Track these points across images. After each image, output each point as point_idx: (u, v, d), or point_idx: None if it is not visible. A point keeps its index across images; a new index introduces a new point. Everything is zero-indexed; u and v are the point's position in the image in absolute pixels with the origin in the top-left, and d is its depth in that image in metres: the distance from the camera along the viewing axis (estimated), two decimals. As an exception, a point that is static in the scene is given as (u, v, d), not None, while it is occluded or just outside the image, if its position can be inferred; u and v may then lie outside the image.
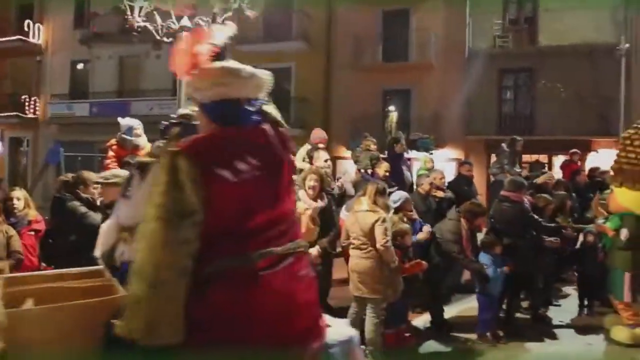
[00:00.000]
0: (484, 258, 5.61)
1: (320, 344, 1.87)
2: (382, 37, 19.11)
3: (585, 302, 6.78)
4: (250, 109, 1.91)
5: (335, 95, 19.60)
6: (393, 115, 18.85)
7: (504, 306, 6.16)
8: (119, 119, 5.51)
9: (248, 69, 1.93)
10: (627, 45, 16.13)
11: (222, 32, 2.02)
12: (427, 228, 5.79)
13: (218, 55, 1.93)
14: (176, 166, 1.69)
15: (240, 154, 1.81)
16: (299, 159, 7.00)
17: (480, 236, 6.12)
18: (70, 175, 4.83)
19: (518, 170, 8.73)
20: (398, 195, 5.75)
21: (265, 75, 1.99)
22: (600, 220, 6.33)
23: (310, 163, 6.51)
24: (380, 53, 19.03)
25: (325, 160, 6.25)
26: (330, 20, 19.71)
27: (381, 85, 18.90)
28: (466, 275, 7.14)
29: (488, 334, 5.63)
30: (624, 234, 5.55)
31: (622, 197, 5.63)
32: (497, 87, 18.33)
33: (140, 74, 22.27)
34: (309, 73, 19.79)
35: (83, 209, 4.31)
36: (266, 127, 1.97)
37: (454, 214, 5.85)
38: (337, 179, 7.15)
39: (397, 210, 5.53)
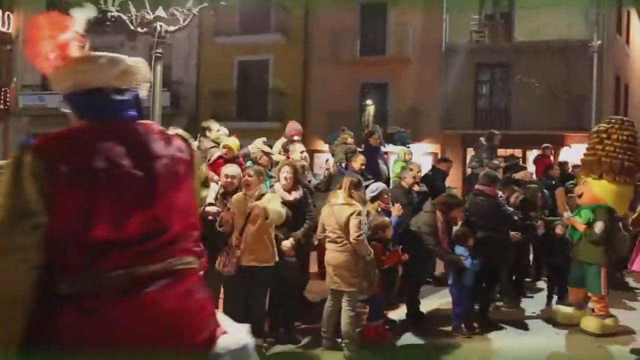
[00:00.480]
0: (459, 250, 5.67)
1: (209, 353, 1.65)
2: (359, 30, 19.10)
3: (556, 294, 6.89)
4: (121, 99, 1.68)
5: (313, 88, 19.54)
6: (370, 109, 18.92)
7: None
8: None
9: (110, 55, 1.71)
10: (599, 42, 16.40)
11: (83, 17, 1.83)
12: (397, 205, 5.84)
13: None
14: (21, 162, 1.48)
15: (99, 151, 1.55)
16: (275, 151, 6.98)
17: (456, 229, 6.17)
18: None
19: (497, 162, 8.82)
20: (376, 186, 5.81)
21: (136, 63, 1.74)
22: (567, 214, 6.37)
23: (287, 156, 6.50)
24: (358, 47, 19.01)
25: (302, 152, 6.25)
26: (308, 13, 19.61)
27: (359, 79, 18.91)
28: (440, 267, 7.20)
29: (462, 326, 5.70)
30: (599, 226, 5.55)
31: (599, 189, 5.63)
32: (474, 82, 18.51)
33: (115, 65, 21.84)
34: (286, 66, 19.68)
35: None
36: (144, 123, 1.73)
37: (429, 206, 5.89)
38: (326, 161, 7.25)
39: (373, 200, 5.56)
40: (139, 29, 6.01)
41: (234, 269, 4.74)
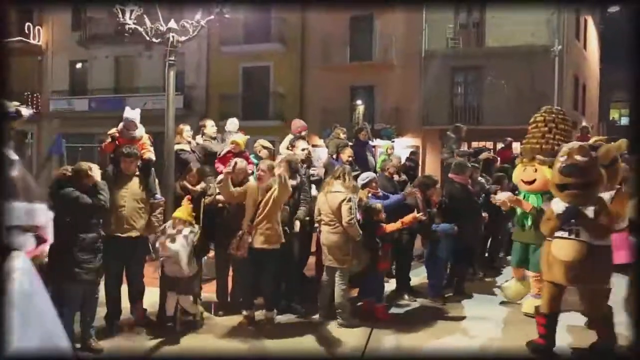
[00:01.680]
0: (433, 227, 5.66)
1: None
2: (349, 39, 18.99)
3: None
4: None
5: (308, 90, 19.47)
6: (360, 108, 18.90)
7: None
8: (127, 108, 5.26)
9: None
10: (560, 47, 16.41)
11: None
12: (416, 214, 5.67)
13: None
14: None
15: None
16: (283, 147, 6.94)
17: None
18: (70, 168, 4.58)
19: (465, 150, 8.80)
20: (366, 175, 5.77)
21: None
22: (503, 193, 5.56)
23: (293, 151, 6.39)
24: (347, 53, 18.92)
25: (303, 149, 6.17)
26: (303, 24, 19.50)
27: (348, 82, 18.84)
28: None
29: (438, 296, 5.71)
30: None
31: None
32: (450, 83, 18.43)
33: (135, 72, 21.74)
34: (285, 71, 19.62)
35: (75, 194, 4.13)
36: None
37: (409, 189, 5.87)
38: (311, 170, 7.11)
39: (363, 187, 5.55)
40: (153, 39, 5.92)
41: (246, 253, 4.72)
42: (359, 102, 19.01)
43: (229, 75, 20.14)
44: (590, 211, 3.92)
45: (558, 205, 4.14)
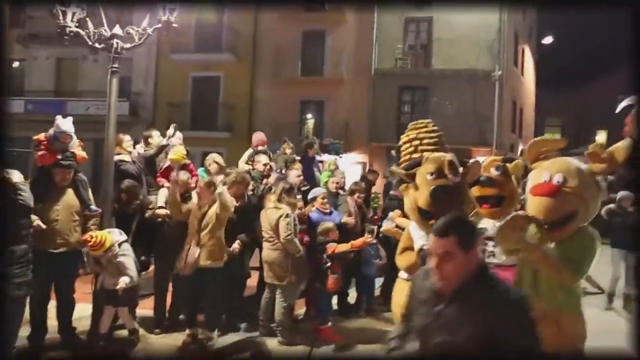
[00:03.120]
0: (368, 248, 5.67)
1: None
2: (301, 54, 19.17)
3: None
4: None
5: (258, 103, 19.40)
6: (310, 122, 19.02)
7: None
8: (58, 119, 4.93)
9: None
10: (500, 72, 17.30)
11: None
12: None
13: None
14: None
15: None
16: (242, 162, 6.80)
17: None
18: None
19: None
20: (316, 190, 5.75)
21: None
22: (390, 217, 4.67)
23: (252, 166, 6.27)
24: (299, 68, 19.08)
25: (265, 164, 6.06)
26: (256, 35, 19.48)
27: (299, 96, 18.97)
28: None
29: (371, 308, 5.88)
30: None
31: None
32: (397, 102, 18.95)
33: (78, 75, 20.84)
34: (236, 82, 19.46)
35: None
36: None
37: (346, 218, 5.83)
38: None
39: (310, 201, 5.55)
40: (96, 45, 5.66)
41: (191, 270, 4.58)
42: (309, 116, 19.15)
43: (178, 83, 19.73)
44: None
45: (418, 232, 3.36)
